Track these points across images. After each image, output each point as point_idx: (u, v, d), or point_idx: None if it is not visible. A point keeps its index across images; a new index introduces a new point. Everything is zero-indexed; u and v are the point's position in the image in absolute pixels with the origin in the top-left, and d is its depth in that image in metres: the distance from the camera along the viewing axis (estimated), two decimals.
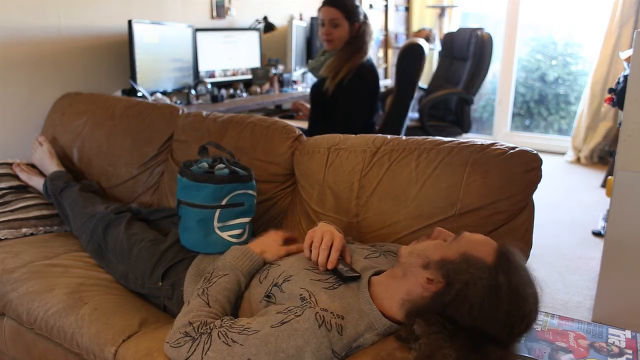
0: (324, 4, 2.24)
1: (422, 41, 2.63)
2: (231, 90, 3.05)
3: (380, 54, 4.78)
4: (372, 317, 1.00)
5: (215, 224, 1.34)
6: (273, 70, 3.32)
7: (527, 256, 1.27)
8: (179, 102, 2.70)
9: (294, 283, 1.06)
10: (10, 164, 2.00)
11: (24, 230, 1.77)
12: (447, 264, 0.96)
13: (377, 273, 1.09)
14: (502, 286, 0.90)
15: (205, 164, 1.38)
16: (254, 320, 1.00)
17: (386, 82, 4.53)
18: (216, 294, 1.08)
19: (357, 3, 2.25)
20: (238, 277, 1.13)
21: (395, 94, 2.43)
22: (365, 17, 2.25)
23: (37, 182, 1.92)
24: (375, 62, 4.50)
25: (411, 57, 2.41)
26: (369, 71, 2.23)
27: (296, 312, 0.97)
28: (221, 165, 1.36)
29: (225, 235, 1.35)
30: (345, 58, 2.21)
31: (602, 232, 2.72)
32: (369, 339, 0.99)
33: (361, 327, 0.98)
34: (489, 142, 1.32)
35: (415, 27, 5.01)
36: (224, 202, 1.33)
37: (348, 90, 2.17)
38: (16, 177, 1.96)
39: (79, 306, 1.31)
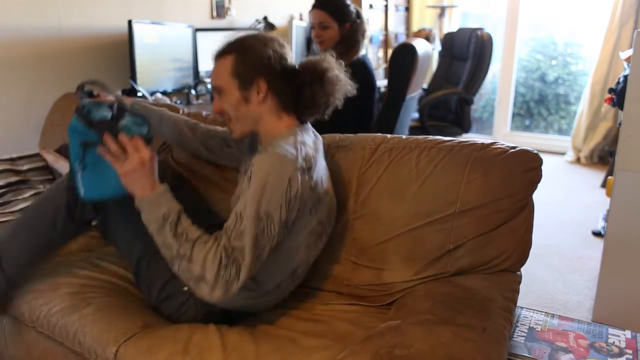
0: (312, 7, 2.25)
1: (422, 41, 2.63)
2: None
3: (380, 54, 4.78)
4: (284, 141, 1.16)
5: None
6: None
7: (526, 257, 1.28)
8: (179, 102, 2.70)
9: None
10: (6, 160, 1.99)
11: None
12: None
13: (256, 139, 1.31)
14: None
15: (106, 115, 1.20)
16: (238, 206, 1.11)
17: (385, 82, 4.53)
18: (193, 231, 1.12)
19: (347, 2, 2.24)
20: (180, 209, 1.15)
21: (386, 95, 2.42)
22: (358, 15, 2.24)
23: (63, 166, 1.89)
24: (375, 62, 4.50)
25: (402, 58, 2.39)
26: (360, 69, 2.23)
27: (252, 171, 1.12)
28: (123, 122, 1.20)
29: None
30: (337, 57, 2.21)
31: (602, 232, 2.72)
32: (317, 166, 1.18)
33: (291, 150, 1.14)
34: (489, 141, 1.32)
35: (415, 27, 5.01)
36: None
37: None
38: (13, 173, 1.96)
39: (83, 306, 1.30)
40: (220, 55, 1.23)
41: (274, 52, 1.22)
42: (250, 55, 1.20)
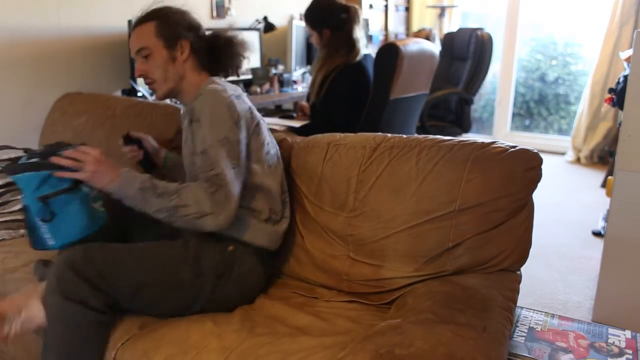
0: None
1: (420, 41, 2.62)
2: None
3: None
4: (208, 84, 1.33)
5: (91, 196, 1.27)
6: (273, 70, 3.32)
7: (526, 256, 1.28)
8: (178, 102, 2.69)
9: None
10: (5, 160, 1.99)
11: (21, 231, 1.76)
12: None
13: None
14: None
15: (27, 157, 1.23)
16: (197, 149, 1.26)
17: None
18: (171, 185, 1.22)
19: (328, 9, 2.27)
20: (150, 176, 1.25)
21: (371, 96, 2.43)
22: (343, 21, 2.26)
23: None
24: None
25: (384, 59, 2.39)
26: (353, 71, 2.26)
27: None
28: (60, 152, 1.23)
29: (97, 206, 1.29)
30: (319, 67, 2.30)
31: (602, 232, 2.72)
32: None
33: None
34: (489, 140, 1.32)
35: (415, 27, 5.01)
36: None
37: (327, 92, 2.24)
38: None
39: None
40: (142, 21, 1.38)
41: (192, 19, 1.42)
42: (173, 20, 1.37)
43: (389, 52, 2.38)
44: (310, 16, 2.32)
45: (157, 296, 1.23)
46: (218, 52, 1.42)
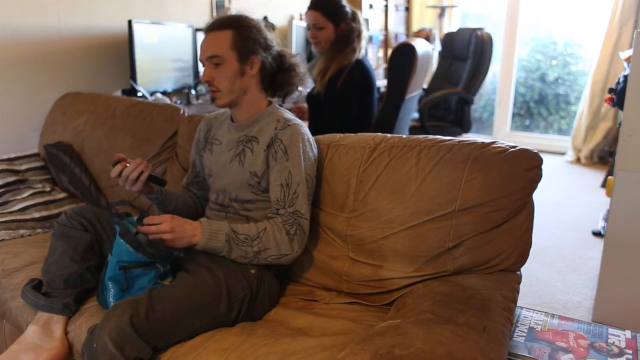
0: (308, 8, 2.26)
1: (422, 41, 2.63)
2: None
3: (380, 54, 4.78)
4: (281, 112, 1.41)
5: (162, 271, 1.31)
6: None
7: (526, 256, 1.28)
8: (179, 102, 2.70)
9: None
10: (5, 160, 1.99)
11: (21, 231, 1.76)
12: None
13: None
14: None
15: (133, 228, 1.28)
16: (277, 178, 1.32)
17: (385, 82, 4.52)
18: (249, 229, 1.29)
19: (343, 2, 2.24)
20: (226, 223, 1.30)
21: (386, 95, 2.43)
22: (354, 16, 2.24)
23: None
24: (375, 62, 4.49)
25: (402, 58, 2.40)
26: (359, 70, 2.23)
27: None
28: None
29: (165, 282, 1.32)
30: (331, 58, 2.22)
31: (602, 232, 2.72)
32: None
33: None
34: (489, 140, 1.32)
35: (415, 27, 5.01)
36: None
37: (338, 91, 2.19)
38: (12, 173, 1.95)
39: (77, 317, 1.31)
40: (219, 28, 1.34)
41: (267, 36, 1.39)
42: (250, 34, 1.35)
43: (406, 52, 2.39)
44: (330, 7, 2.20)
45: (198, 332, 1.20)
46: (278, 76, 1.43)
